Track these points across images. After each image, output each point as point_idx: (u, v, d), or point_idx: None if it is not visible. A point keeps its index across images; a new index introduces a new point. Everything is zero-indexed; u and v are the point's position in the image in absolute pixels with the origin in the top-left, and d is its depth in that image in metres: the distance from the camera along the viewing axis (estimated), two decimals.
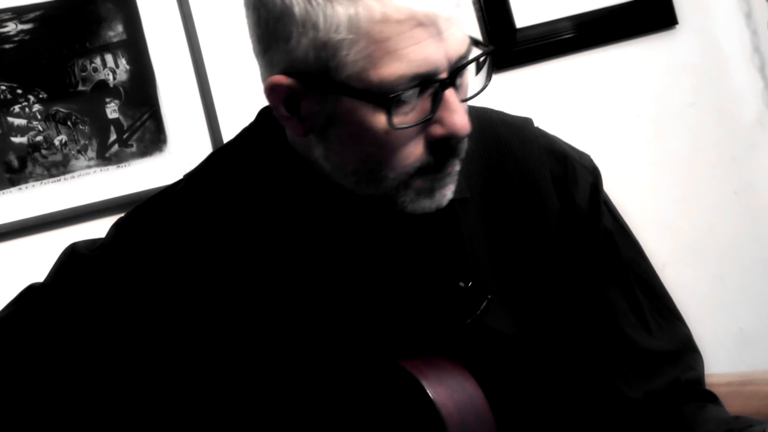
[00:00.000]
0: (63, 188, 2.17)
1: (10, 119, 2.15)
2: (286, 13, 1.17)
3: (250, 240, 1.28)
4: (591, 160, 1.39)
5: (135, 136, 2.23)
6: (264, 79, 1.23)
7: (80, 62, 2.21)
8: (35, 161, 2.16)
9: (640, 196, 2.61)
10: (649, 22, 2.69)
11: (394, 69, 1.15)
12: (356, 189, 1.23)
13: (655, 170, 2.70)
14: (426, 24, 1.16)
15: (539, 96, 2.55)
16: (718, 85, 2.77)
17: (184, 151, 2.25)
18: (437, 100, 1.18)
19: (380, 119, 1.17)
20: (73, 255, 1.34)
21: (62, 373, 1.28)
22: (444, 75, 1.17)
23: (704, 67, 2.76)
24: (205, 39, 2.29)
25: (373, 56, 1.15)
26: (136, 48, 2.24)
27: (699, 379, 1.35)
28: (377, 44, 1.15)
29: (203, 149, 2.25)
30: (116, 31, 2.23)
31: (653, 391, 1.32)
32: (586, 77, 2.64)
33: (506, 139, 1.34)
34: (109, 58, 2.22)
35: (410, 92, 1.16)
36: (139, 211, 1.35)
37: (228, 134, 2.27)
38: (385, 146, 1.19)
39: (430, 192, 1.22)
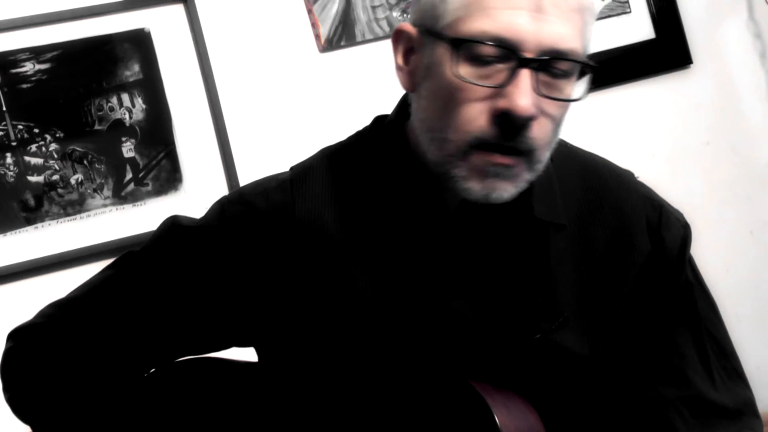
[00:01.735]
0: (79, 227, 2.18)
1: (26, 158, 2.16)
2: None
3: (351, 232, 1.31)
4: (684, 217, 1.43)
5: (151, 175, 2.24)
6: None
7: (97, 101, 2.22)
8: (51, 200, 2.16)
9: None
10: (663, 62, 2.69)
11: (480, 24, 1.20)
12: (429, 151, 1.26)
13: None
14: None
15: None
16: (733, 124, 2.77)
17: (199, 189, 2.25)
18: (512, 75, 1.20)
19: (451, 67, 1.21)
20: (173, 225, 1.36)
21: (154, 332, 1.32)
22: (529, 55, 1.20)
23: (719, 107, 2.75)
24: (220, 78, 2.29)
25: (469, 8, 1.21)
26: (152, 87, 2.25)
27: None
28: None
29: (219, 188, 2.25)
30: (133, 71, 2.25)
31: None
32: (600, 116, 2.64)
33: (607, 182, 1.39)
34: (125, 97, 2.24)
35: (484, 49, 1.20)
36: (245, 191, 1.37)
37: (243, 173, 2.28)
38: (451, 101, 1.22)
39: (482, 175, 1.23)
